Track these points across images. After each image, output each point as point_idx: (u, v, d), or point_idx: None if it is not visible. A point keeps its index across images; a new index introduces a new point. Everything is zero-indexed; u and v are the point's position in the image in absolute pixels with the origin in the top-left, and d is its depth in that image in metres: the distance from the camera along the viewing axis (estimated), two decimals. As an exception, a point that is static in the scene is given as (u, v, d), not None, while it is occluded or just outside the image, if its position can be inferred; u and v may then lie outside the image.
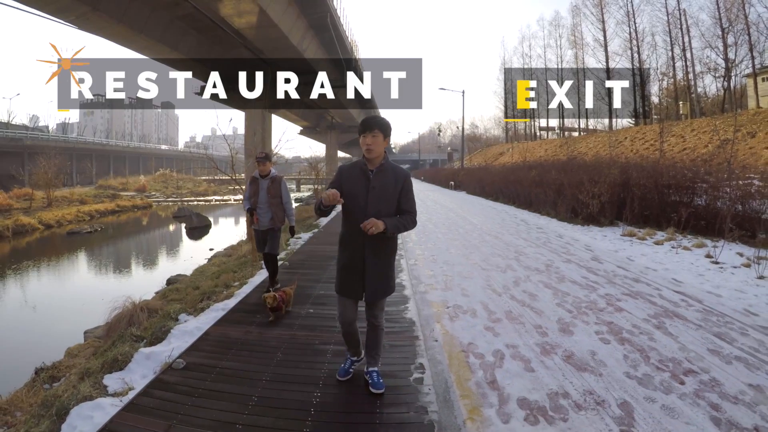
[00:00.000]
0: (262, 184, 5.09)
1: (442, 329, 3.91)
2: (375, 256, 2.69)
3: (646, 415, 2.58)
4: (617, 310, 4.45)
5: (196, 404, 2.71)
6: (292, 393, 2.85)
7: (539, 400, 2.73)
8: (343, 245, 2.79)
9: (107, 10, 24.55)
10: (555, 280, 5.59)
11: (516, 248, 7.87)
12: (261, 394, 2.81)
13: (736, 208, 8.48)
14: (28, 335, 7.30)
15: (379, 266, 2.71)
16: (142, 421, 2.55)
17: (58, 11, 24.01)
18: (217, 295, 6.17)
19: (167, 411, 2.63)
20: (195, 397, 2.79)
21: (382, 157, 2.72)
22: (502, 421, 2.52)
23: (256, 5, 25.41)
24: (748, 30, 28.95)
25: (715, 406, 2.65)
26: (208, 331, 3.94)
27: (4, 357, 6.28)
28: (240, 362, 3.30)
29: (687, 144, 25.44)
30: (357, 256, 2.69)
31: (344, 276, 2.75)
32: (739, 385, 2.91)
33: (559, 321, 4.11)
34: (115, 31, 27.55)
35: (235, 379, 3.03)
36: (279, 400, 2.76)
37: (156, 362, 3.60)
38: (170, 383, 2.98)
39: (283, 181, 5.14)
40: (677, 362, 3.29)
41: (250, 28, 29.15)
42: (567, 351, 3.47)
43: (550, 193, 12.33)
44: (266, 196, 5.03)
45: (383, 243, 2.70)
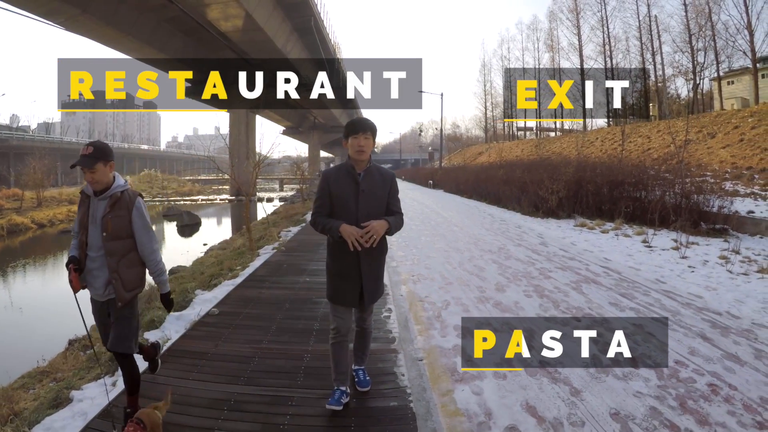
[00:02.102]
0: (94, 208, 2.48)
1: (407, 288, 5.20)
2: (371, 261, 2.60)
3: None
4: (546, 278, 5.76)
5: (232, 333, 3.92)
6: (300, 324, 4.08)
7: (469, 327, 3.99)
8: (334, 252, 2.64)
9: (96, 12, 25.08)
10: (503, 258, 6.92)
11: (477, 236, 9.20)
12: (277, 326, 4.04)
13: (681, 202, 9.75)
14: (52, 315, 8.31)
15: (375, 271, 2.65)
16: (196, 343, 3.74)
17: (47, 13, 24.44)
18: (224, 276, 7.30)
19: (212, 338, 3.82)
20: (230, 329, 4.00)
21: (369, 160, 2.64)
22: (440, 336, 3.79)
23: (243, 9, 26.19)
24: (714, 36, 30.65)
25: (600, 334, 3.86)
26: (229, 293, 5.15)
27: (40, 331, 7.28)
28: (258, 310, 4.53)
29: (652, 144, 27.00)
30: (352, 263, 2.56)
31: (338, 283, 2.62)
32: (624, 323, 4.09)
33: (497, 284, 5.40)
34: (104, 34, 28.04)
35: (256, 319, 4.25)
36: (290, 329, 3.99)
37: (186, 321, 4.66)
38: (210, 323, 4.18)
39: (140, 203, 2.52)
40: (579, 308, 4.56)
41: (236, 32, 29.93)
42: (497, 301, 4.75)
43: (515, 190, 13.74)
44: (99, 235, 2.44)
45: (378, 246, 2.58)
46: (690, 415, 2.56)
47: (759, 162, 16.92)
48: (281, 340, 3.70)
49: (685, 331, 3.87)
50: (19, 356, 5.57)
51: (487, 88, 53.77)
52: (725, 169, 17.93)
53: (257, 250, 8.75)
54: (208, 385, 2.96)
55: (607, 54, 38.22)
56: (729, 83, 31.75)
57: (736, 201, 11.09)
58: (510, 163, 20.05)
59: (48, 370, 4.73)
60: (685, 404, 2.67)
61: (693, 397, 2.75)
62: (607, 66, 37.93)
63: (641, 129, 29.53)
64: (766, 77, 29.20)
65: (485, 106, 54.81)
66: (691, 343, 3.62)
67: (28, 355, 5.36)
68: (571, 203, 12.02)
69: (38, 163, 27.30)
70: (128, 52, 31.73)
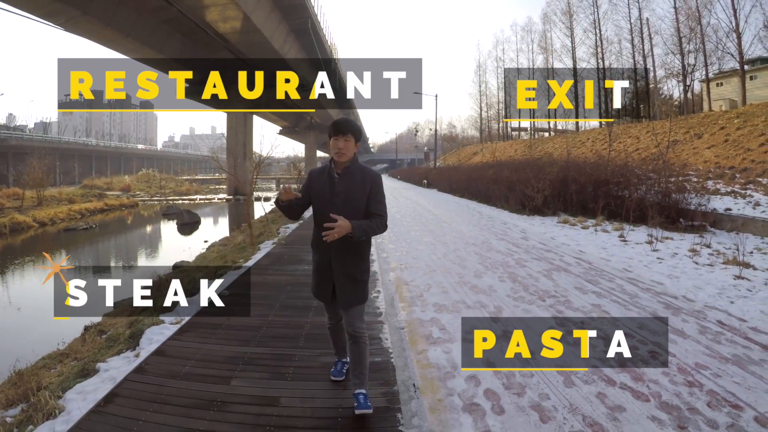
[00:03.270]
0: None
1: (395, 275, 5.84)
2: (342, 259, 2.61)
3: (509, 312, 4.46)
4: (521, 267, 6.38)
5: (242, 309, 4.52)
6: (300, 302, 4.72)
7: (446, 305, 4.61)
8: (313, 249, 2.77)
9: (96, 14, 25.41)
10: (484, 250, 7.55)
11: (463, 231, 9.84)
12: (281, 304, 4.68)
13: (660, 200, 10.34)
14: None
15: (346, 270, 2.62)
16: (211, 318, 4.33)
17: (48, 15, 24.79)
18: (229, 267, 7.90)
19: (225, 313, 4.40)
20: (240, 306, 4.61)
21: (350, 160, 2.65)
22: (420, 311, 4.41)
23: (241, 11, 26.59)
24: (703, 39, 31.34)
25: (559, 311, 4.48)
26: (236, 279, 5.79)
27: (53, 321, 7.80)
28: (264, 292, 5.16)
29: (641, 144, 27.70)
30: (324, 260, 2.66)
31: (316, 279, 2.75)
32: (584, 304, 4.68)
33: (476, 272, 6.03)
34: (103, 35, 28.37)
35: (262, 299, 4.87)
36: (292, 306, 4.63)
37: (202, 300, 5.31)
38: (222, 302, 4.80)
39: None
40: (547, 291, 5.17)
41: (234, 33, 30.33)
42: (474, 285, 5.37)
43: (503, 189, 14.40)
44: None
45: (350, 246, 2.58)
46: (627, 373, 3.12)
47: (741, 162, 17.43)
48: (285, 314, 4.31)
49: (639, 311, 4.44)
50: (37, 341, 5.89)
51: (482, 89, 54.38)
52: (709, 168, 18.42)
53: (258, 245, 9.36)
54: (225, 347, 3.57)
55: (599, 56, 38.92)
56: (718, 85, 32.38)
57: (717, 199, 11.73)
58: (500, 163, 20.72)
59: (67, 353, 5.13)
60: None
61: (633, 360, 3.31)
62: (599, 67, 38.60)
63: (631, 130, 30.22)
64: (754, 79, 29.84)
65: (480, 107, 55.49)
66: (642, 320, 4.19)
67: (46, 339, 5.77)
68: (556, 201, 12.65)
69: (39, 163, 27.80)
70: (127, 52, 32.06)
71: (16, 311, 8.79)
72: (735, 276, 5.82)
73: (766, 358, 3.34)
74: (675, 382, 2.98)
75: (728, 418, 2.56)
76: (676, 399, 2.77)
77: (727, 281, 5.62)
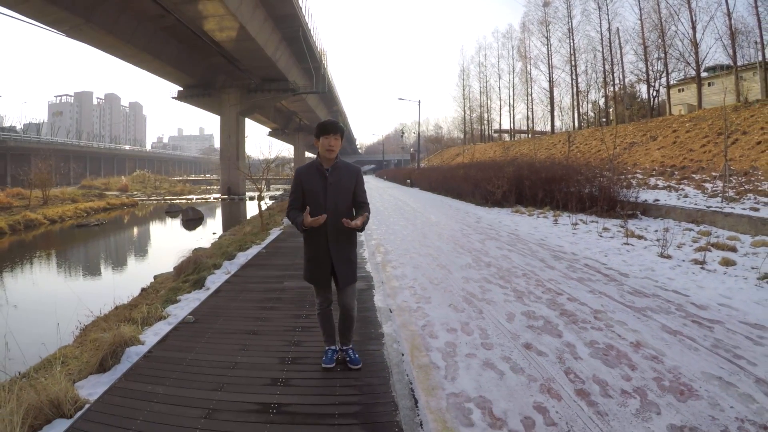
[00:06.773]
0: None
1: (376, 242, 8.33)
2: (338, 247, 2.95)
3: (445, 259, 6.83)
4: (465, 237, 8.80)
5: (271, 261, 6.85)
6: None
7: (407, 254, 7.02)
8: (307, 240, 3.02)
9: (99, 22, 26.71)
10: (442, 229, 10.03)
11: (431, 218, 12.29)
12: (295, 263, 6.99)
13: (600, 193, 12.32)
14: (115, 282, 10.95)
15: (344, 255, 2.98)
16: (269, 254, 6.65)
17: (53, 22, 26.12)
18: (253, 243, 10.10)
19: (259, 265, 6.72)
20: (270, 258, 6.93)
21: (336, 157, 2.97)
22: (391, 257, 6.83)
23: (237, 22, 28.26)
24: (665, 49, 33.93)
25: (477, 257, 6.91)
26: (259, 251, 8.09)
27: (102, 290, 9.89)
28: (281, 255, 7.51)
29: (603, 146, 30.34)
30: (321, 248, 2.96)
31: (312, 267, 3.02)
32: (498, 254, 7.08)
33: (431, 240, 8.48)
34: (105, 42, 29.68)
35: (282, 258, 7.22)
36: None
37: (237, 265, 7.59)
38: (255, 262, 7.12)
39: None
40: (475, 249, 7.54)
41: (230, 41, 31.99)
42: (427, 245, 7.82)
43: (470, 186, 16.88)
44: None
45: (345, 236, 2.98)
46: (507, 283, 5.49)
47: (682, 161, 19.69)
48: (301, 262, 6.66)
49: (531, 257, 6.87)
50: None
51: (465, 93, 56.60)
52: (654, 167, 20.71)
53: (267, 230, 11.62)
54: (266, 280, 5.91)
55: (572, 63, 41.59)
56: (680, 90, 35.06)
57: (654, 192, 13.85)
58: (470, 164, 23.16)
59: (135, 303, 6.63)
60: (508, 278, 5.65)
61: (509, 278, 5.71)
62: (572, 75, 41.32)
63: (597, 133, 32.87)
64: (712, 85, 32.48)
65: (464, 110, 57.79)
66: (530, 261, 6.60)
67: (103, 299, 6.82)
68: (513, 195, 15.09)
69: (43, 164, 29.57)
70: (126, 58, 33.21)
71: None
72: (623, 243, 7.82)
73: (601, 279, 5.59)
74: (528, 285, 5.40)
75: (549, 295, 4.97)
76: (525, 290, 5.20)
77: (614, 246, 7.60)
